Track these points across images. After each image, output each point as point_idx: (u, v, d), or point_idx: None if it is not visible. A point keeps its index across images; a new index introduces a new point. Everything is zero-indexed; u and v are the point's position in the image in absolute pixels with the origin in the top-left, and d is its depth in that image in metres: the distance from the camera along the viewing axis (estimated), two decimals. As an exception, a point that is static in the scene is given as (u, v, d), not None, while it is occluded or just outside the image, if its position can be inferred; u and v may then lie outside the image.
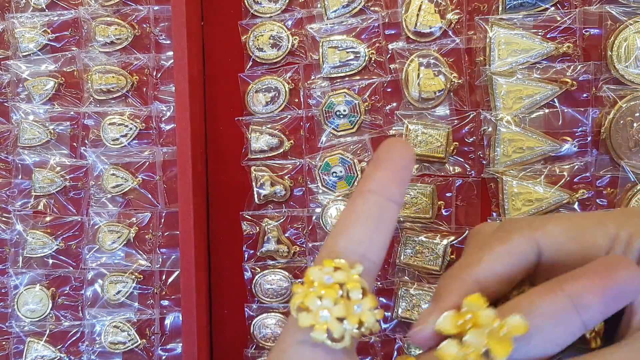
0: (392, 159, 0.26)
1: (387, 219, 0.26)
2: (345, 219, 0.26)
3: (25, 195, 0.62)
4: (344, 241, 0.25)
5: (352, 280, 0.23)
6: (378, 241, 0.25)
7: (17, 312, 0.61)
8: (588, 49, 0.51)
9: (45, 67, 0.62)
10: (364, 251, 0.25)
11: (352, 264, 0.24)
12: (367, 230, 0.25)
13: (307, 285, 0.23)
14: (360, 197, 0.26)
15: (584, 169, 0.51)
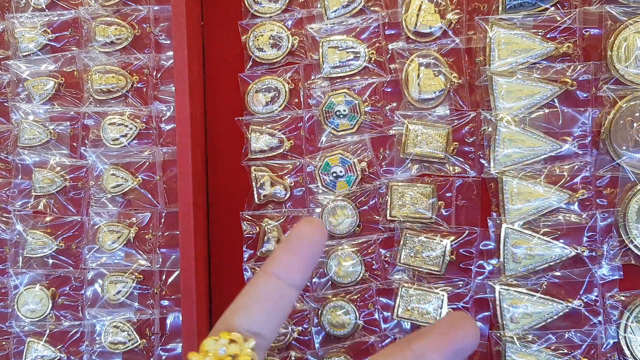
0: (301, 245, 0.28)
1: (284, 303, 0.27)
2: (246, 297, 0.28)
3: (25, 195, 0.62)
4: (241, 318, 0.27)
5: (244, 353, 0.25)
6: (273, 322, 0.27)
7: (17, 312, 0.61)
8: (588, 49, 0.51)
9: (45, 67, 0.62)
10: (258, 329, 0.27)
11: (246, 337, 0.26)
12: (264, 312, 0.27)
13: (202, 355, 0.25)
14: (263, 278, 0.27)
15: (584, 168, 0.51)
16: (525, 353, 0.50)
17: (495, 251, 0.52)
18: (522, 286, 0.51)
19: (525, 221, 0.51)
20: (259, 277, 0.28)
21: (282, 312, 0.28)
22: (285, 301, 0.27)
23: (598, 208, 0.51)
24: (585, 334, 0.50)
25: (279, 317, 0.28)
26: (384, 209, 0.55)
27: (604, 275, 0.50)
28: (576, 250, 0.50)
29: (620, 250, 0.50)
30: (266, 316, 0.27)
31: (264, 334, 0.27)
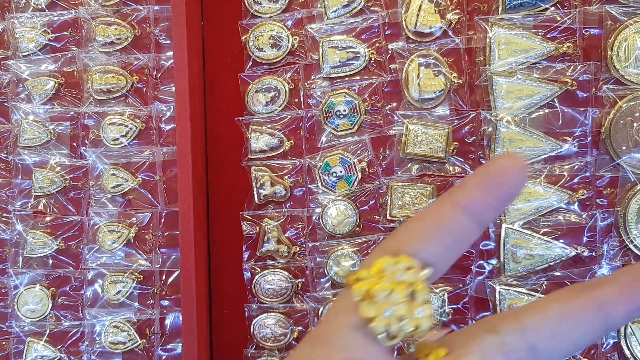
0: (499, 181, 0.24)
1: (465, 241, 0.24)
2: (428, 223, 0.24)
3: (25, 195, 0.62)
4: (418, 245, 0.24)
5: (421, 282, 0.22)
6: (449, 257, 0.24)
7: (17, 312, 0.61)
8: (588, 49, 0.51)
9: (45, 67, 0.62)
10: (433, 262, 0.24)
11: (422, 266, 0.23)
12: (444, 246, 0.24)
13: (376, 274, 0.22)
14: (450, 207, 0.24)
15: (584, 169, 0.51)
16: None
17: (495, 251, 0.52)
18: (522, 286, 0.51)
19: (525, 221, 0.51)
20: (443, 205, 0.24)
21: (460, 249, 0.24)
22: (467, 239, 0.24)
23: (598, 208, 0.51)
24: (585, 334, 0.50)
25: (455, 254, 0.24)
26: (384, 209, 0.55)
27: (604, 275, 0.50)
28: (576, 250, 0.50)
29: (620, 250, 0.50)
30: (444, 250, 0.24)
31: (438, 268, 0.24)
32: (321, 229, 0.56)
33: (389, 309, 0.21)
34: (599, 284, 0.23)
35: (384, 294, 0.22)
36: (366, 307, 0.22)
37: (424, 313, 0.22)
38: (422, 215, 0.25)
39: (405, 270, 0.22)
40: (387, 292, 0.22)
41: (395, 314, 0.21)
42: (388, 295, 0.22)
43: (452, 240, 0.24)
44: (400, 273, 0.22)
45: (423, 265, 0.23)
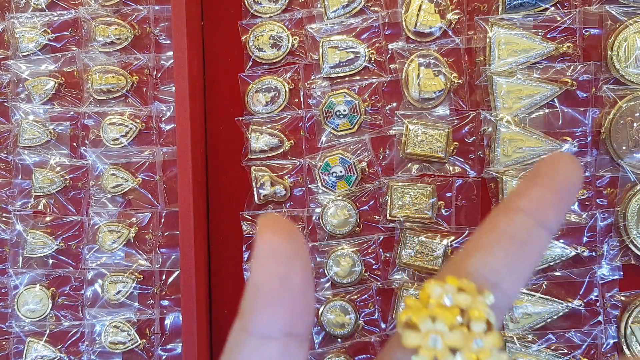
0: (556, 176, 0.22)
1: (533, 247, 0.22)
2: (483, 236, 0.22)
3: (25, 195, 0.62)
4: (477, 262, 0.21)
5: (477, 308, 0.19)
6: (517, 271, 0.21)
7: (17, 312, 0.61)
8: (588, 49, 0.51)
9: (45, 67, 0.62)
10: (498, 279, 0.21)
11: (481, 289, 0.20)
12: (508, 256, 0.21)
13: (423, 301, 0.19)
14: (506, 214, 0.22)
15: (584, 169, 0.51)
16: (526, 353, 0.50)
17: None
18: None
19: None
20: (499, 214, 0.22)
21: (530, 257, 0.21)
22: (535, 244, 0.21)
23: (598, 208, 0.51)
24: (585, 334, 0.50)
25: (525, 265, 0.21)
26: (384, 209, 0.55)
27: (604, 275, 0.50)
28: (576, 250, 0.50)
29: (620, 250, 0.50)
30: (510, 262, 0.21)
31: (506, 287, 0.21)
32: (321, 228, 0.56)
33: (435, 337, 0.18)
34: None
35: (427, 320, 0.18)
36: (409, 336, 0.19)
37: (486, 344, 0.18)
38: (478, 231, 0.22)
39: (455, 294, 0.19)
40: (430, 318, 0.18)
41: (444, 344, 0.18)
42: (433, 323, 0.19)
43: (517, 247, 0.21)
44: (449, 296, 0.19)
45: (484, 287, 0.20)
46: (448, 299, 0.19)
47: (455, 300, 0.19)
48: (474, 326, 0.18)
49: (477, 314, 0.19)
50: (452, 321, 0.18)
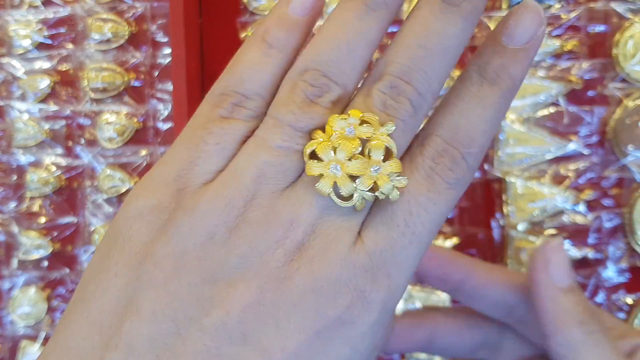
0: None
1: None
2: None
3: (19, 196, 0.61)
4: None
5: (377, 137, 0.20)
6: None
7: (11, 315, 0.60)
8: (594, 46, 0.50)
9: (40, 65, 0.61)
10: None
11: (384, 121, 0.20)
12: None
13: (327, 134, 0.20)
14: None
15: (589, 169, 0.50)
16: (530, 357, 0.50)
17: (499, 253, 0.52)
18: (527, 289, 0.50)
19: (530, 222, 0.50)
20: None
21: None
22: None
23: (604, 209, 0.50)
24: (590, 337, 0.49)
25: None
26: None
27: (610, 278, 0.49)
28: (581, 251, 0.49)
29: (626, 252, 0.49)
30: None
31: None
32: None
33: (334, 166, 0.19)
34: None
35: (329, 151, 0.19)
36: (312, 166, 0.19)
37: (384, 170, 0.19)
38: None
39: (357, 126, 0.20)
40: (332, 149, 0.19)
41: (343, 172, 0.19)
42: (334, 153, 0.19)
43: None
44: (350, 128, 0.20)
45: (388, 119, 0.20)
46: (349, 131, 0.20)
47: (357, 132, 0.20)
48: (373, 154, 0.20)
49: (375, 143, 0.20)
50: (351, 151, 0.19)
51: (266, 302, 0.18)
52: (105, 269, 0.19)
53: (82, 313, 0.19)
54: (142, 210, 0.19)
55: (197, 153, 0.20)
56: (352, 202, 0.19)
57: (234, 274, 0.19)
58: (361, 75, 0.21)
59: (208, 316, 0.18)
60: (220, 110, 0.21)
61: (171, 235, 0.19)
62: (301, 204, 0.19)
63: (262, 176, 0.19)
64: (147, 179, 0.21)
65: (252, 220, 0.19)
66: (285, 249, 0.19)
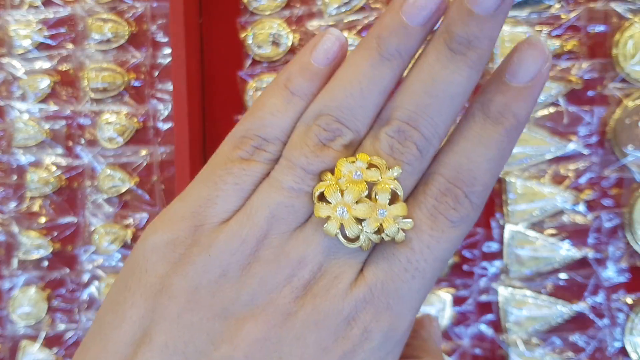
0: None
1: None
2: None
3: (20, 196, 0.61)
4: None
5: (384, 181, 0.20)
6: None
7: (11, 315, 0.60)
8: (594, 47, 0.50)
9: (40, 65, 0.61)
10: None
11: (392, 164, 0.21)
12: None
13: (335, 177, 0.20)
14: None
15: (589, 169, 0.50)
16: (530, 357, 0.49)
17: (499, 253, 0.52)
18: (527, 288, 0.50)
19: (530, 222, 0.50)
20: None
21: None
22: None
23: (604, 209, 0.50)
24: (590, 337, 0.49)
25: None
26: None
27: (610, 278, 0.49)
28: (582, 252, 0.49)
29: (626, 252, 0.49)
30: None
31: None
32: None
33: (341, 209, 0.20)
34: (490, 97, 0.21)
35: (336, 194, 0.20)
36: (320, 208, 0.20)
37: (389, 213, 0.20)
38: None
39: (365, 169, 0.20)
40: (339, 191, 0.20)
41: (350, 215, 0.20)
42: (342, 196, 0.20)
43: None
44: (358, 172, 0.20)
45: (395, 163, 0.21)
46: (356, 175, 0.20)
47: (364, 175, 0.20)
48: (380, 198, 0.20)
49: (381, 186, 0.20)
50: (358, 194, 0.20)
51: (271, 337, 0.19)
52: (122, 300, 0.20)
53: (100, 343, 0.20)
54: (160, 244, 0.20)
55: (215, 192, 0.21)
56: (358, 243, 0.20)
57: (244, 310, 0.19)
58: (373, 120, 0.22)
59: (217, 350, 0.19)
60: (241, 152, 0.22)
61: (187, 270, 0.20)
62: (309, 244, 0.20)
63: (275, 217, 0.20)
64: (166, 214, 0.21)
65: (263, 259, 0.20)
66: (293, 287, 0.20)
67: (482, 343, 0.52)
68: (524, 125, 0.21)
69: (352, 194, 0.20)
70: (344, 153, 0.21)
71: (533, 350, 0.50)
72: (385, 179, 0.20)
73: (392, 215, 0.20)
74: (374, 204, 0.20)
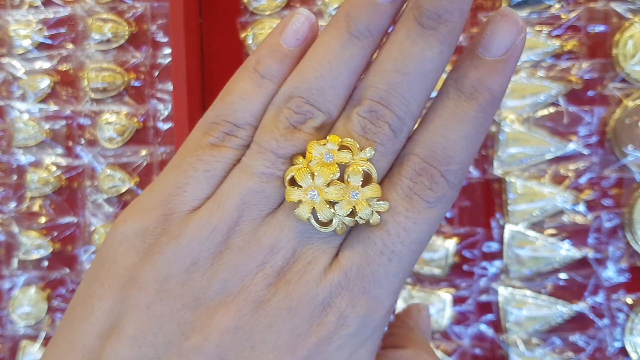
0: None
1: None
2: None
3: (20, 196, 0.61)
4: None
5: (355, 163, 0.20)
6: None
7: (11, 315, 0.60)
8: (594, 46, 0.50)
9: (40, 65, 0.61)
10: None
11: (364, 145, 0.20)
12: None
13: (306, 160, 0.20)
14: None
15: (589, 169, 0.50)
16: (530, 357, 0.49)
17: (499, 253, 0.52)
18: (527, 288, 0.50)
19: (530, 222, 0.50)
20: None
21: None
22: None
23: (604, 209, 0.50)
24: (590, 337, 0.49)
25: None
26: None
27: (610, 278, 0.49)
28: (582, 251, 0.49)
29: (626, 252, 0.49)
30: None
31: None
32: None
33: (312, 192, 0.19)
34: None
35: (307, 177, 0.19)
36: (292, 192, 0.19)
37: (362, 195, 0.19)
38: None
39: (336, 151, 0.20)
40: (310, 175, 0.19)
41: (321, 198, 0.19)
42: (312, 179, 0.19)
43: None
44: (329, 154, 0.20)
45: (368, 144, 0.20)
46: (327, 157, 0.20)
47: (335, 158, 0.20)
48: (351, 180, 0.20)
49: (353, 168, 0.19)
50: (329, 176, 0.19)
51: (243, 326, 0.19)
52: (90, 292, 0.20)
53: (68, 337, 0.19)
54: (129, 234, 0.20)
55: (185, 179, 0.21)
56: (331, 227, 0.20)
57: (215, 299, 0.19)
58: (345, 101, 0.21)
59: (187, 341, 0.18)
60: (211, 138, 0.21)
61: (156, 260, 0.19)
62: (281, 229, 0.20)
63: (245, 203, 0.20)
64: (136, 204, 0.21)
65: (235, 247, 0.19)
66: (265, 274, 0.19)
67: (482, 343, 0.52)
68: (500, 100, 0.20)
69: (323, 177, 0.19)
70: (316, 136, 0.20)
71: (533, 350, 0.49)
72: (357, 160, 0.20)
73: (365, 197, 0.19)
74: (345, 187, 0.20)
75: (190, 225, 0.20)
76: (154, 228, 0.20)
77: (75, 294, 0.21)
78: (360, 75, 0.21)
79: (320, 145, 0.20)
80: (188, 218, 0.20)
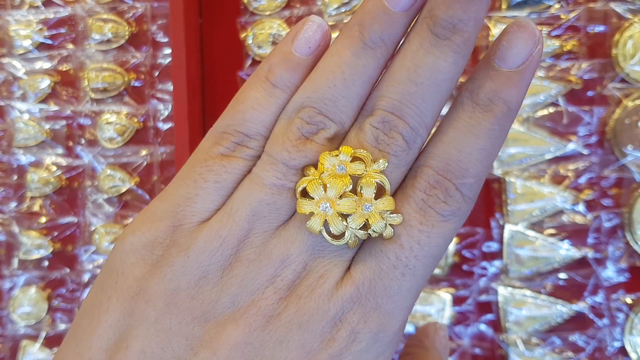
0: None
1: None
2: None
3: (20, 196, 0.61)
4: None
5: (369, 174, 0.19)
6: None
7: (12, 314, 0.60)
8: (593, 47, 0.50)
9: (40, 65, 0.61)
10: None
11: (377, 157, 0.19)
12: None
13: (318, 172, 0.19)
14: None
15: (589, 169, 0.50)
16: (530, 356, 0.50)
17: (499, 253, 0.52)
18: (527, 288, 0.50)
19: (530, 222, 0.50)
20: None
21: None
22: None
23: (603, 209, 0.50)
24: (590, 337, 0.49)
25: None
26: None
27: (609, 277, 0.49)
28: (581, 251, 0.49)
29: (626, 252, 0.49)
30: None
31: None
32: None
33: (325, 204, 0.19)
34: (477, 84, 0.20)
35: (319, 189, 0.19)
36: (303, 204, 0.19)
37: (375, 208, 0.19)
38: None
39: (349, 163, 0.19)
40: (322, 186, 0.19)
41: (334, 210, 0.19)
42: (325, 191, 0.19)
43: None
44: (342, 166, 0.19)
45: (381, 156, 0.20)
46: (340, 168, 0.19)
47: (348, 169, 0.19)
48: (364, 192, 0.19)
49: (366, 180, 0.19)
50: (341, 188, 0.19)
51: (253, 341, 0.18)
52: (97, 304, 0.19)
53: (74, 349, 0.19)
54: (137, 245, 0.19)
55: (195, 190, 0.20)
56: (344, 240, 0.19)
57: (224, 313, 0.19)
58: (358, 112, 0.21)
59: (196, 356, 0.18)
60: (221, 148, 0.21)
61: (165, 272, 0.19)
62: (292, 242, 0.19)
63: (256, 215, 0.19)
64: (144, 214, 0.20)
65: (245, 260, 0.19)
66: (276, 288, 0.19)
67: (482, 343, 0.52)
68: (516, 112, 0.20)
69: (335, 189, 0.19)
70: (328, 147, 0.20)
71: (533, 350, 0.50)
72: (370, 172, 0.19)
73: (379, 210, 0.19)
74: (358, 199, 0.19)
75: (199, 237, 0.19)
76: (162, 239, 0.19)
77: (82, 304, 0.20)
78: (374, 85, 0.21)
79: (333, 156, 0.19)
80: (198, 230, 0.19)
